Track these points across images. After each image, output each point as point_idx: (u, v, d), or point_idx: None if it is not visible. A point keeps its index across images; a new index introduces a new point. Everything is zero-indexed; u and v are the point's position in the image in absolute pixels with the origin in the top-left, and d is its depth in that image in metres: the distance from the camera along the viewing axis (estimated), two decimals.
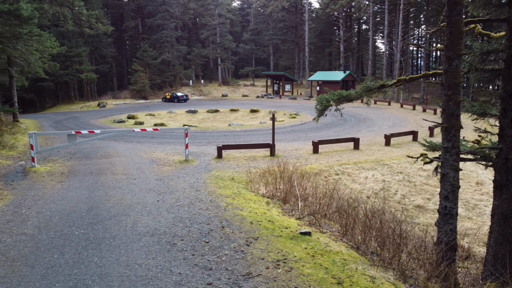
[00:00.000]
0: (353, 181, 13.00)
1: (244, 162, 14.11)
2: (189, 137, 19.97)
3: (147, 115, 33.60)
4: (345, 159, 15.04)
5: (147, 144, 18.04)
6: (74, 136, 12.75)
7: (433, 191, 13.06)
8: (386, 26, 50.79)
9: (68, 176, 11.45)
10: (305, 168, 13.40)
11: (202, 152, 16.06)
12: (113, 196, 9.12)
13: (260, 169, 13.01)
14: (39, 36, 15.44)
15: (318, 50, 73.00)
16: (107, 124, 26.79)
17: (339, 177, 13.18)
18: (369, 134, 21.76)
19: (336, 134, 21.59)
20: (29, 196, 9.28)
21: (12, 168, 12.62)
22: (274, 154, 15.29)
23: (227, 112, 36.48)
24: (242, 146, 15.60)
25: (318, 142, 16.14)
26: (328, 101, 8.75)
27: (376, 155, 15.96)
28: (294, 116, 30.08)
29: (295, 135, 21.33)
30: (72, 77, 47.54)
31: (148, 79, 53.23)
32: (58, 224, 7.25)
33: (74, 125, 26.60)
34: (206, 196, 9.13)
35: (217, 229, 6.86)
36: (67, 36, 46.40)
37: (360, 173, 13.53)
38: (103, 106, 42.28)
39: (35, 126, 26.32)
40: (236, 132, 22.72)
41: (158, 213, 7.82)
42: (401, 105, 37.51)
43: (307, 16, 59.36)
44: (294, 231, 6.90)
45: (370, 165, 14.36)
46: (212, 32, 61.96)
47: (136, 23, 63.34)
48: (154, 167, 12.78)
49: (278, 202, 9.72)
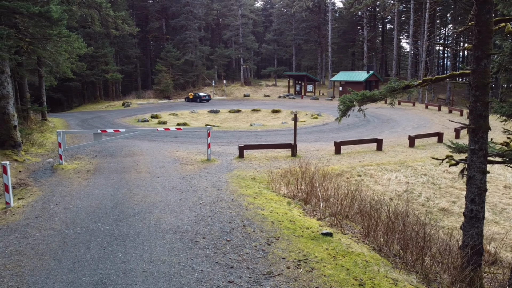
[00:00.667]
0: (375, 182, 12.84)
1: (265, 162, 14.14)
2: (211, 137, 20.17)
3: (170, 115, 34.06)
4: (367, 160, 14.87)
5: (170, 143, 18.31)
6: (100, 135, 13.07)
7: (458, 194, 12.76)
8: (412, 26, 49.85)
9: (94, 174, 11.74)
10: (326, 169, 13.31)
11: (224, 151, 16.18)
12: (137, 194, 9.31)
13: (281, 169, 13.01)
14: (67, 37, 15.87)
15: (341, 50, 72.28)
16: (131, 123, 27.31)
17: (361, 178, 13.03)
18: (393, 135, 21.42)
19: (358, 135, 21.36)
20: (57, 192, 9.57)
21: (41, 165, 13.05)
22: (296, 155, 15.25)
23: (249, 112, 36.60)
24: (264, 146, 15.64)
25: (340, 143, 16.00)
26: (351, 101, 8.67)
27: (400, 156, 15.70)
28: (316, 117, 29.91)
29: (317, 136, 21.21)
30: (98, 77, 48.66)
31: (171, 79, 53.96)
32: (84, 220, 7.45)
33: (99, 124, 27.23)
34: (227, 195, 9.20)
35: (238, 228, 6.91)
36: (93, 37, 47.54)
37: (383, 174, 13.35)
38: (128, 105, 43.09)
39: (62, 124, 27.08)
40: (258, 132, 22.77)
41: (180, 211, 7.93)
42: (426, 106, 36.74)
43: (330, 16, 58.90)
44: (316, 232, 6.88)
45: (393, 166, 14.14)
46: (235, 33, 62.29)
47: (160, 24, 64.32)
48: (177, 166, 12.96)
49: (299, 202, 9.70)
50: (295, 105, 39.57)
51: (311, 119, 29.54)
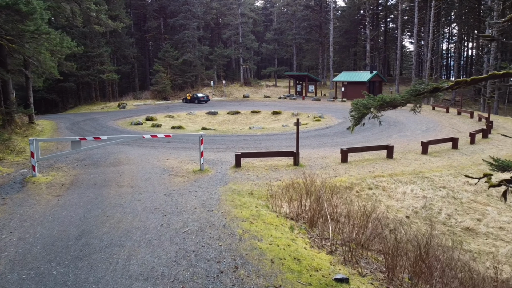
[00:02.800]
0: (389, 197, 11.36)
1: (264, 173, 12.68)
2: (207, 142, 18.68)
3: (166, 117, 32.61)
4: (378, 170, 13.39)
5: (161, 149, 16.84)
6: (78, 143, 11.60)
7: (483, 210, 11.28)
8: (416, 24, 48.33)
9: (68, 189, 10.27)
10: (333, 181, 11.85)
11: (219, 159, 14.72)
12: (111, 217, 7.84)
13: (282, 181, 11.56)
14: (47, 34, 14.41)
15: (343, 50, 70.72)
16: (124, 127, 25.84)
17: (373, 192, 11.55)
18: (402, 140, 19.92)
19: (365, 140, 19.88)
20: (17, 214, 8.10)
21: (12, 177, 11.58)
22: (298, 163, 13.78)
23: (248, 114, 35.10)
24: (263, 154, 14.16)
25: (347, 150, 14.52)
26: (366, 107, 7.19)
27: (413, 165, 14.20)
28: (318, 119, 28.41)
29: (321, 141, 19.73)
30: (94, 78, 47.17)
31: (169, 79, 52.45)
32: (37, 257, 5.98)
33: (90, 127, 25.78)
34: (219, 219, 7.73)
35: (228, 271, 5.44)
36: (89, 36, 46.04)
37: (396, 187, 11.87)
38: (123, 107, 41.64)
39: (51, 128, 25.64)
40: (257, 136, 21.31)
41: (159, 243, 6.47)
42: (432, 108, 35.21)
43: (332, 15, 57.39)
44: (327, 276, 5.40)
45: (407, 177, 12.65)
46: (235, 32, 60.77)
47: (159, 23, 62.85)
48: (165, 178, 11.49)
49: (304, 225, 8.24)
50: (296, 106, 38.07)
51: (313, 121, 28.04)
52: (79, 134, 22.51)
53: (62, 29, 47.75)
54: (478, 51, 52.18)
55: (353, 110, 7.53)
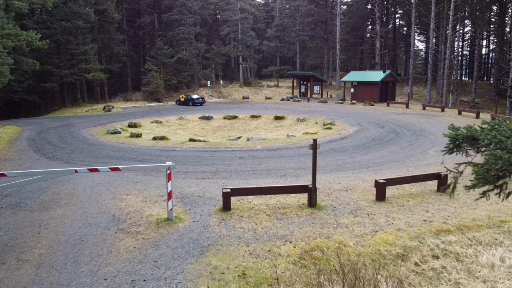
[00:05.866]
0: (469, 273, 6.99)
1: (266, 224, 8.33)
2: (192, 161, 14.33)
3: (152, 122, 28.24)
4: (437, 217, 9.01)
5: (127, 175, 12.49)
6: None
7: None
8: (433, 19, 43.81)
9: None
10: (374, 241, 7.52)
11: (202, 193, 10.40)
12: None
13: (294, 244, 7.23)
14: None
15: (349, 47, 66.23)
16: (97, 137, 21.47)
17: (441, 263, 7.19)
18: (442, 158, 15.52)
19: (394, 157, 15.52)
20: None
21: None
22: (316, 204, 9.43)
23: (247, 119, 30.67)
24: (263, 191, 9.78)
25: (385, 183, 10.10)
26: None
27: (485, 207, 9.81)
28: (329, 127, 23.98)
29: (338, 159, 15.36)
30: (78, 77, 42.82)
31: (162, 79, 48.02)
32: None
33: (57, 136, 21.44)
34: None
35: None
36: (73, 32, 41.71)
37: (477, 253, 7.49)
38: (109, 110, 37.35)
39: (9, 138, 21.33)
40: (256, 152, 16.95)
41: None
42: (459, 112, 30.65)
43: (338, 9, 52.95)
44: None
45: (487, 233, 8.27)
46: (234, 29, 56.35)
47: (152, 18, 58.46)
48: (106, 241, 7.16)
49: None
50: (301, 110, 33.65)
51: (323, 129, 23.64)
52: (36, 147, 18.19)
53: (43, 24, 43.60)
54: (502, 48, 47.63)
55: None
